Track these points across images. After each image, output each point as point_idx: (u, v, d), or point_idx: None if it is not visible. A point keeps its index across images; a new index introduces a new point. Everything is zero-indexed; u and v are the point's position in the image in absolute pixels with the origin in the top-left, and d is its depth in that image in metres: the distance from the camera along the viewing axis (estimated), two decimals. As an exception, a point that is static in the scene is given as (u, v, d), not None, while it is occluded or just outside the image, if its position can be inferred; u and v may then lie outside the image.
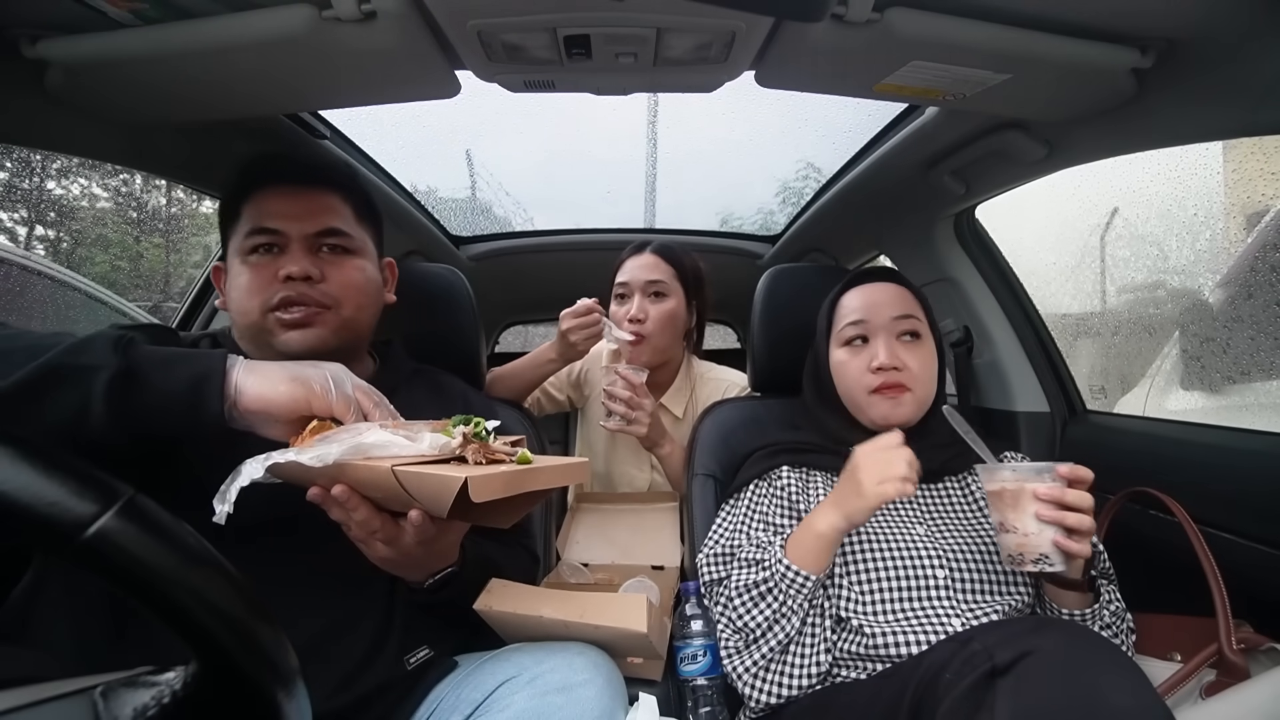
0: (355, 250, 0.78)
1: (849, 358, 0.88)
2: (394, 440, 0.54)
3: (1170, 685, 0.70)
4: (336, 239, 0.76)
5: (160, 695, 0.29)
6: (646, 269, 1.23)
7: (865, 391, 0.85)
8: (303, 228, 0.73)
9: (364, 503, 0.56)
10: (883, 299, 0.88)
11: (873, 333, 0.86)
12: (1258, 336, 1.32)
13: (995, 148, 0.96)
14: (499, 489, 0.51)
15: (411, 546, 0.59)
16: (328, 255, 0.75)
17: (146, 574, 0.28)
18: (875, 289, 0.89)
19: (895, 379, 0.83)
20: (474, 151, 1.77)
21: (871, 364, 0.84)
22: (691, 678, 0.80)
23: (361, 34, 0.63)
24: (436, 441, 0.56)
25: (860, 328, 0.87)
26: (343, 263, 0.76)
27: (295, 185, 0.75)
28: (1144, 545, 0.91)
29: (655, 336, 1.21)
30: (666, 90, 0.92)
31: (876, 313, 0.87)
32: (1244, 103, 0.70)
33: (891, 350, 0.84)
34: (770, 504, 0.86)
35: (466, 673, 0.70)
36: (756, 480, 0.89)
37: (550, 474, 0.61)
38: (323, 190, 0.77)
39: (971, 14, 0.64)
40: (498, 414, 0.75)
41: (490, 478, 0.51)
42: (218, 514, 0.48)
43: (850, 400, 0.89)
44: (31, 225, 4.10)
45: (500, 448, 0.59)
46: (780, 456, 0.89)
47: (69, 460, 0.29)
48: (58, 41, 0.65)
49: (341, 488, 0.55)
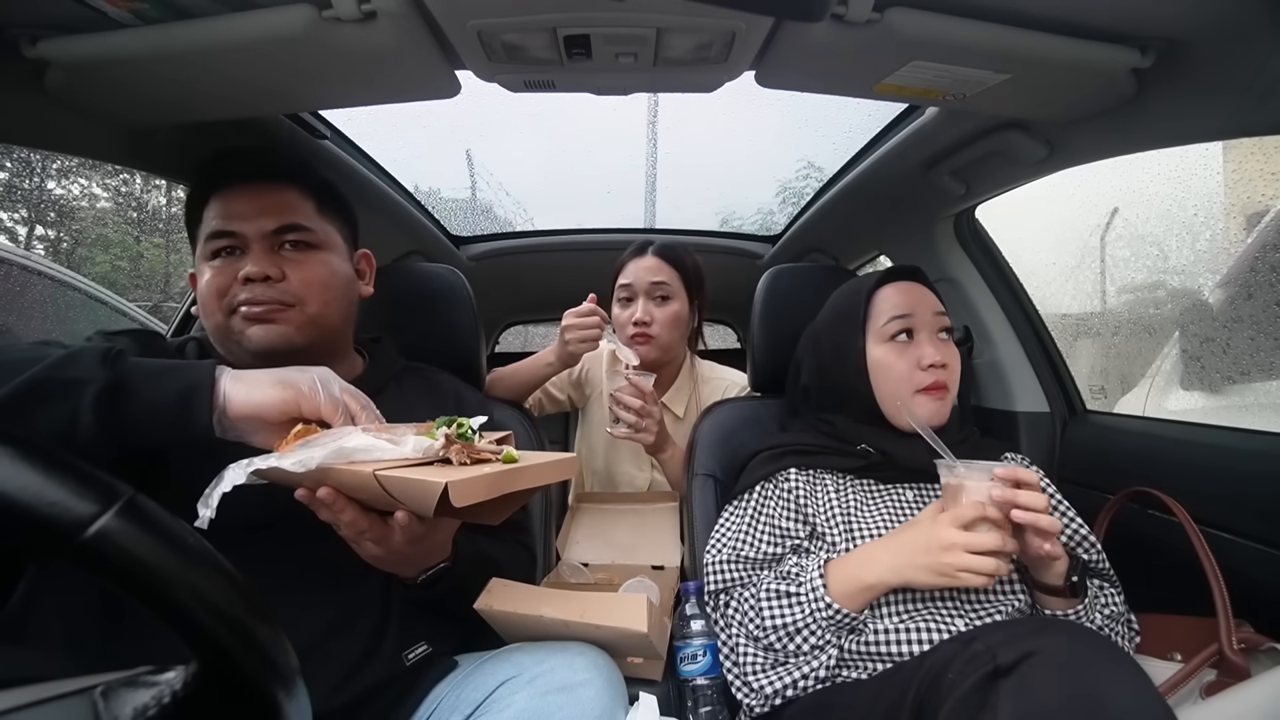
0: (319, 245, 0.76)
1: (894, 356, 0.84)
2: (376, 444, 0.54)
3: (1171, 686, 0.70)
4: (297, 234, 0.74)
5: (160, 695, 0.29)
6: (650, 271, 1.22)
7: (912, 391, 0.83)
8: (260, 226, 0.72)
9: (350, 504, 0.56)
10: (925, 297, 0.87)
11: (918, 328, 0.84)
12: (1258, 336, 1.32)
13: (995, 148, 0.96)
14: (481, 492, 0.51)
15: (401, 545, 0.59)
16: (290, 252, 0.73)
17: (146, 574, 0.28)
18: (914, 288, 0.88)
19: (941, 378, 0.82)
20: (474, 151, 1.77)
21: (922, 362, 0.82)
22: (691, 677, 0.80)
23: (361, 34, 0.63)
24: (420, 444, 0.56)
25: (907, 321, 0.85)
26: (306, 259, 0.74)
27: (251, 182, 0.73)
28: (1144, 545, 0.91)
29: (661, 339, 1.21)
30: (666, 90, 0.92)
31: (922, 309, 0.85)
32: (1244, 103, 0.70)
33: (938, 347, 0.83)
34: (778, 508, 0.84)
35: (466, 672, 0.70)
36: (763, 482, 0.88)
37: (537, 471, 0.60)
38: (280, 186, 0.75)
39: (971, 14, 0.64)
40: (490, 410, 0.75)
41: (472, 480, 0.51)
42: (200, 519, 0.48)
43: (890, 398, 0.85)
44: (31, 225, 4.10)
45: (485, 446, 0.59)
46: (787, 458, 0.88)
47: (69, 460, 0.29)
48: (58, 41, 0.65)
49: (327, 490, 0.55)
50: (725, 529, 0.87)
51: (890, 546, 0.71)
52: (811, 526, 0.82)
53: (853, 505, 0.81)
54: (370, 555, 0.61)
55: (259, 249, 0.71)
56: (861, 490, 0.84)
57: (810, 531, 0.82)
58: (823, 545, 0.80)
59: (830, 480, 0.85)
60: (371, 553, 0.60)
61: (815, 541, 0.81)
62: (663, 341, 1.22)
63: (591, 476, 1.41)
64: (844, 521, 0.80)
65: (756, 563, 0.81)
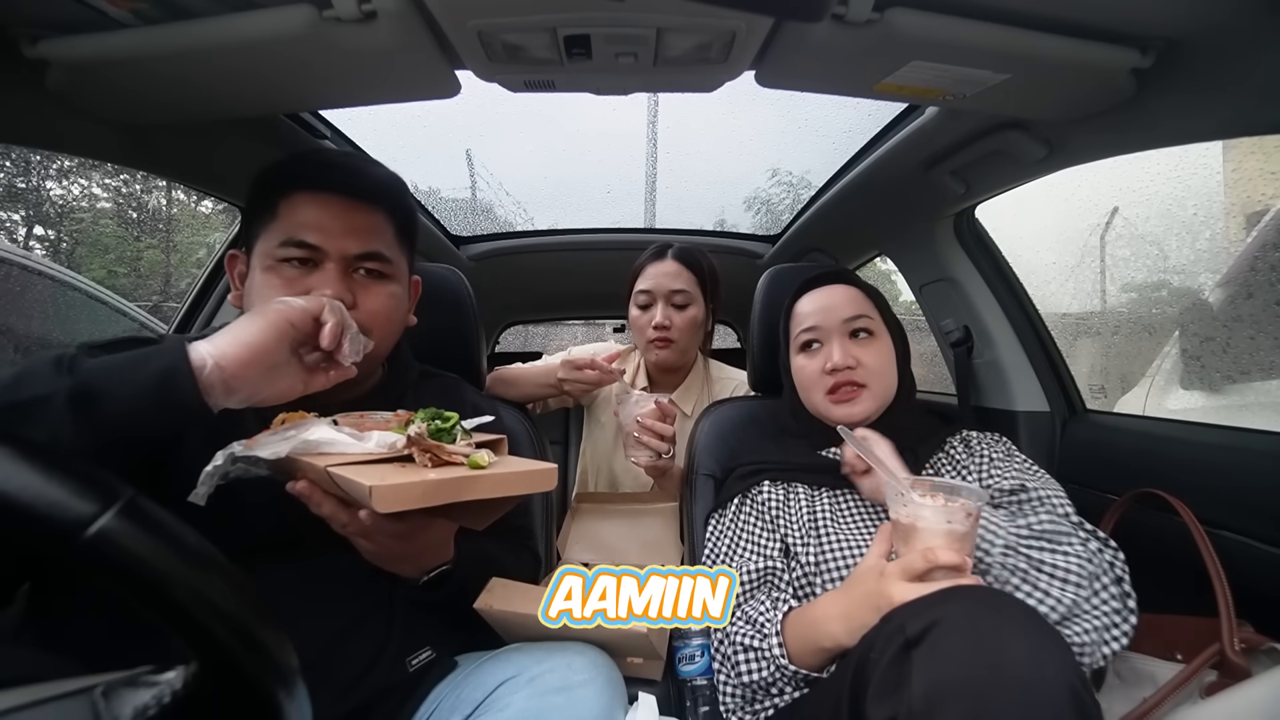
0: (390, 275, 0.73)
1: (805, 362, 0.90)
2: (338, 438, 0.55)
3: (1172, 687, 0.70)
4: (375, 263, 0.71)
5: (160, 695, 0.29)
6: (670, 277, 1.24)
7: (822, 394, 0.87)
8: (344, 247, 0.68)
9: (327, 497, 0.56)
10: (834, 301, 0.89)
11: (826, 336, 0.88)
12: (1258, 336, 1.32)
13: (995, 147, 0.96)
14: (414, 499, 0.50)
15: (386, 542, 0.59)
16: (361, 278, 0.70)
17: (147, 574, 0.28)
18: (827, 292, 0.91)
19: (849, 378, 0.85)
20: (474, 151, 1.78)
21: (826, 365, 0.86)
22: (691, 678, 0.80)
23: (361, 34, 0.63)
24: (384, 440, 0.56)
25: (814, 333, 0.89)
26: (377, 289, 0.71)
27: (341, 196, 0.69)
28: (1144, 545, 0.91)
29: (680, 343, 1.24)
30: (666, 90, 0.92)
31: (828, 316, 0.88)
32: (1244, 103, 0.70)
33: (844, 349, 0.86)
34: (755, 521, 0.86)
35: (466, 673, 0.69)
36: (740, 497, 0.90)
37: (500, 482, 0.57)
38: (370, 206, 0.71)
39: (972, 14, 0.64)
40: (501, 417, 0.74)
41: (404, 487, 0.49)
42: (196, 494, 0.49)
43: (810, 404, 0.90)
44: (30, 225, 4.11)
45: (457, 449, 0.58)
46: (762, 474, 0.90)
47: (69, 460, 0.29)
48: (58, 41, 0.65)
49: (303, 484, 0.55)
50: (712, 545, 0.88)
51: (843, 603, 0.68)
52: (784, 543, 0.82)
53: (824, 517, 0.82)
54: (364, 551, 0.61)
55: (336, 269, 0.68)
56: (834, 501, 0.85)
57: (783, 549, 0.82)
58: (795, 564, 0.80)
59: (804, 491, 0.86)
60: (364, 548, 0.61)
61: (790, 560, 0.81)
62: (681, 346, 1.25)
63: (595, 476, 1.41)
64: (814, 534, 0.80)
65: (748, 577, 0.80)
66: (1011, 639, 0.49)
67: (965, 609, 0.52)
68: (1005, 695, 0.46)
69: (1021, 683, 0.46)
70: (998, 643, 0.49)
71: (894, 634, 0.53)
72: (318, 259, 0.68)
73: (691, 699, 0.80)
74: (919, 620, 0.52)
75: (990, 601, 0.54)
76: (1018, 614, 0.52)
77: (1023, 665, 0.47)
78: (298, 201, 0.68)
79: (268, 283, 0.67)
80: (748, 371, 1.18)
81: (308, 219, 0.68)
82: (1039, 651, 0.48)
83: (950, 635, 0.50)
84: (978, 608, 0.52)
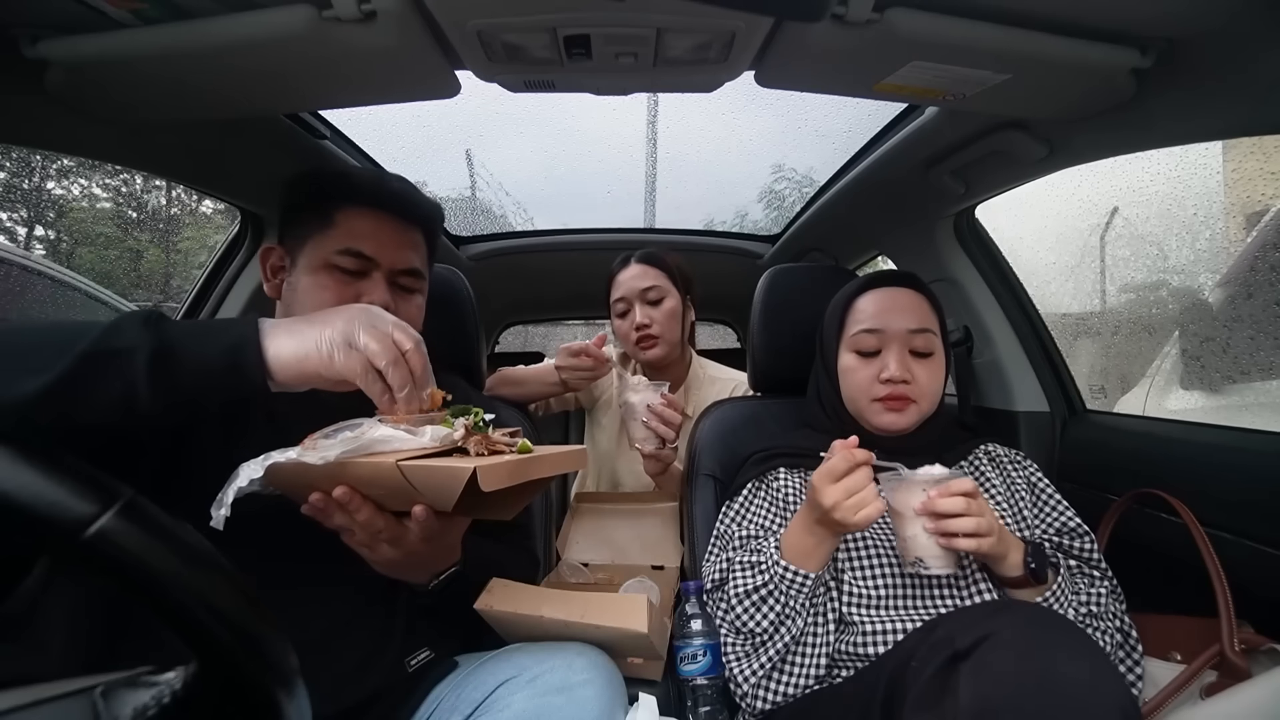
0: (419, 289, 0.80)
1: (858, 364, 0.87)
2: (395, 434, 0.54)
3: (1173, 689, 0.70)
4: (412, 278, 0.78)
5: (160, 695, 0.29)
6: (638, 278, 1.28)
7: (869, 399, 0.85)
8: (394, 260, 0.75)
9: (366, 503, 0.56)
10: (900, 306, 0.86)
11: (886, 343, 0.84)
12: (1258, 336, 1.32)
13: (995, 147, 0.96)
14: (505, 477, 0.52)
15: (416, 544, 0.59)
16: (399, 290, 0.77)
17: (146, 574, 0.28)
18: (893, 295, 0.87)
19: (903, 391, 0.83)
20: (474, 151, 1.77)
21: (881, 374, 0.83)
22: (691, 677, 0.80)
23: (361, 34, 0.63)
24: (438, 434, 0.55)
25: (874, 337, 0.85)
26: (410, 300, 0.78)
27: (392, 215, 0.76)
28: (1144, 545, 0.91)
29: (665, 336, 1.26)
30: (666, 90, 0.92)
31: (892, 321, 0.85)
32: (1244, 103, 0.70)
33: (903, 362, 0.83)
34: (768, 506, 0.86)
35: (466, 673, 0.70)
36: (753, 483, 0.90)
37: (553, 461, 0.62)
38: (414, 227, 0.79)
39: (972, 14, 0.64)
40: (502, 416, 0.75)
41: (497, 466, 0.51)
42: (215, 519, 0.48)
43: (853, 404, 0.89)
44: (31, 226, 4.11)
45: (500, 438, 0.59)
46: (777, 459, 0.89)
47: (69, 460, 0.29)
48: (58, 41, 0.65)
49: (344, 489, 0.54)
50: (722, 528, 0.89)
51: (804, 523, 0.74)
52: None
53: None
54: (383, 559, 0.60)
55: (383, 280, 0.74)
56: None
57: None
58: None
59: None
60: (385, 556, 0.59)
61: None
62: (667, 339, 1.27)
63: (597, 476, 1.42)
64: None
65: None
66: (1063, 658, 0.49)
67: (1016, 625, 0.52)
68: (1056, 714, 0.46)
69: (1074, 702, 0.46)
70: (1050, 661, 0.48)
71: (939, 645, 0.53)
72: (368, 269, 0.74)
73: (692, 699, 0.80)
74: (969, 633, 0.52)
75: (1041, 619, 0.53)
76: (1069, 633, 0.52)
77: (1075, 684, 0.47)
78: (356, 214, 0.74)
79: (319, 283, 0.73)
80: (748, 371, 1.17)
81: (365, 231, 0.74)
82: (1091, 673, 0.48)
83: (1001, 650, 0.50)
84: (1029, 625, 0.52)
